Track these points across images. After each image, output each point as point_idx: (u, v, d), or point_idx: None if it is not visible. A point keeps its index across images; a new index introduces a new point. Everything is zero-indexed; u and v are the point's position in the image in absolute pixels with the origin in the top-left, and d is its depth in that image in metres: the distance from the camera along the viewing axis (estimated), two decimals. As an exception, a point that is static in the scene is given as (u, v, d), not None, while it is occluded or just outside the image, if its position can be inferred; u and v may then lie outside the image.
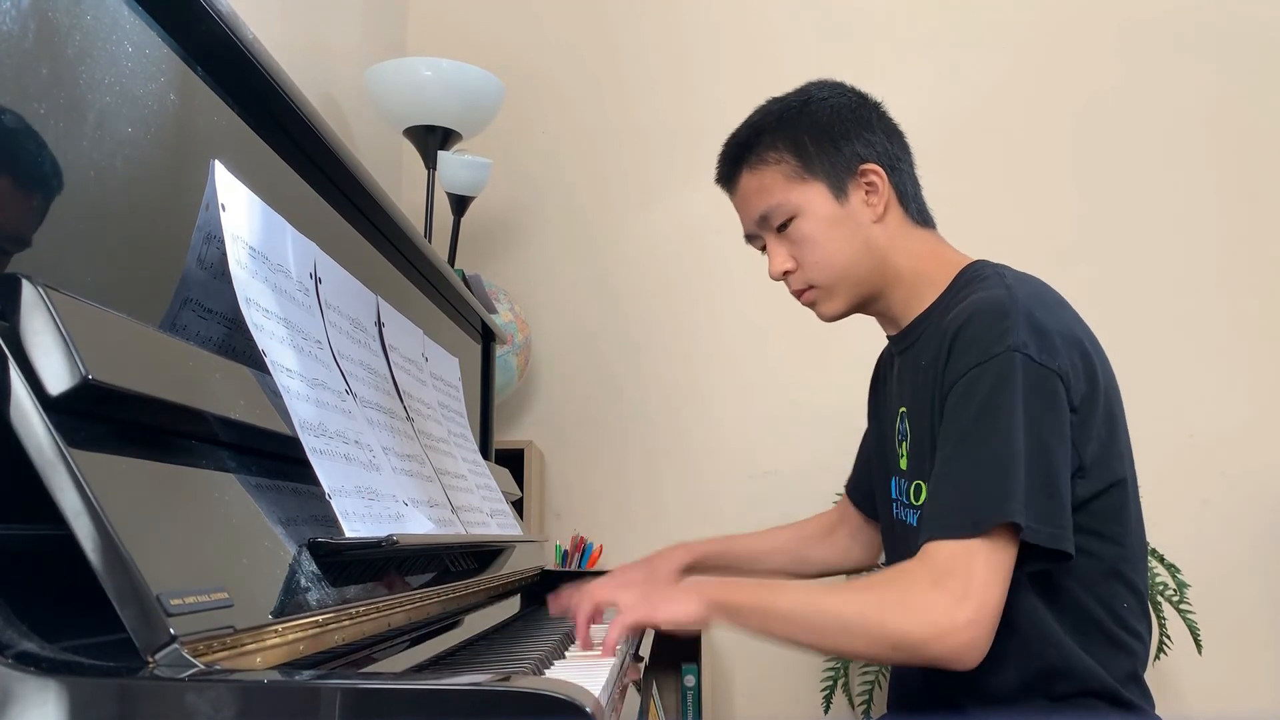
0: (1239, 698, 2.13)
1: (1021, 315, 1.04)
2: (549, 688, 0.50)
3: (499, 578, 1.26)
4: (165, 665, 0.50)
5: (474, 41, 2.40)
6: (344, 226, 1.11)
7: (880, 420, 1.33)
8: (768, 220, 1.22)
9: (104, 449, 0.56)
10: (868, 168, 1.18)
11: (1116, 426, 1.10)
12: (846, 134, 1.18)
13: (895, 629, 0.97)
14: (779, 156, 1.19)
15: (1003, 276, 1.12)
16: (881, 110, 1.24)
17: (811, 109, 1.20)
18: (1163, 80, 2.30)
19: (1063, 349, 1.04)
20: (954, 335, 1.07)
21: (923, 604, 0.97)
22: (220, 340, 0.78)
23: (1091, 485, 1.06)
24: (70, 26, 0.66)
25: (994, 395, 1.01)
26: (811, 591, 1.06)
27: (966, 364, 1.04)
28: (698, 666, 2.07)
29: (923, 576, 0.99)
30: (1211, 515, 2.17)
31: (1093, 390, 1.06)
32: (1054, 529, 0.99)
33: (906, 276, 1.20)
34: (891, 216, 1.20)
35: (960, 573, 0.97)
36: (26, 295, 0.53)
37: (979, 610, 0.96)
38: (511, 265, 2.41)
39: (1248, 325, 2.24)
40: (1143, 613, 1.12)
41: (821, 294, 1.23)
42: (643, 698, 0.99)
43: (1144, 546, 1.14)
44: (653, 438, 2.33)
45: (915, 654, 0.98)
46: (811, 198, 1.18)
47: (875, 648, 1.01)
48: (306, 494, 0.76)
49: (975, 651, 0.97)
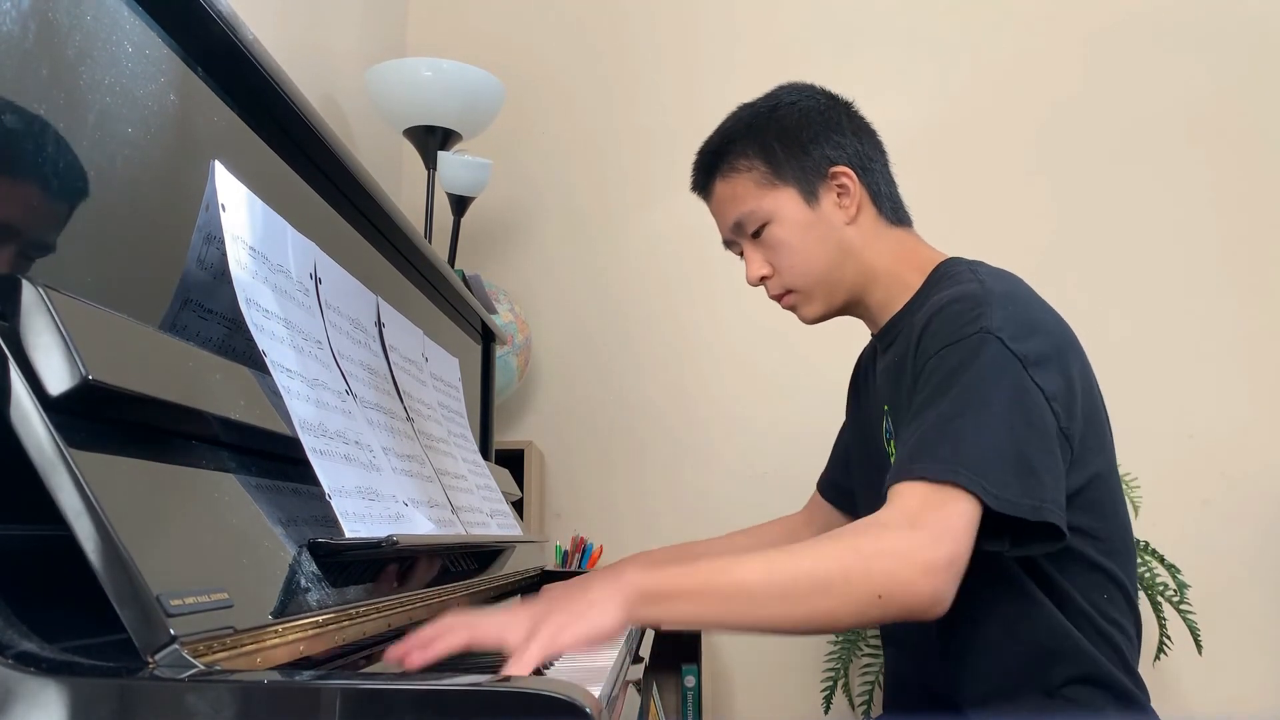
0: (1239, 698, 2.13)
1: (995, 304, 1.04)
2: (549, 688, 0.50)
3: (499, 578, 1.26)
4: (165, 666, 0.50)
5: (474, 42, 2.40)
6: (344, 227, 1.11)
7: (864, 420, 1.32)
8: (742, 227, 1.23)
9: (104, 449, 0.56)
10: (838, 170, 1.19)
11: (1093, 421, 1.09)
12: (815, 137, 1.19)
13: (882, 574, 0.90)
14: (749, 164, 1.20)
15: (975, 272, 1.12)
16: (852, 110, 1.24)
17: (780, 114, 1.21)
18: (1161, 79, 2.30)
19: (1036, 341, 1.04)
20: (924, 326, 1.08)
21: (904, 545, 0.92)
22: (220, 340, 0.78)
23: (1070, 480, 1.05)
24: (70, 27, 0.66)
25: (960, 369, 1.01)
26: (772, 557, 0.93)
27: (937, 345, 1.04)
28: (698, 667, 2.07)
29: (897, 519, 0.94)
30: (1212, 515, 2.17)
31: (1067, 384, 1.06)
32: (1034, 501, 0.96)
33: (882, 276, 1.21)
34: (865, 217, 1.20)
35: (936, 514, 0.93)
36: (27, 296, 0.53)
37: (955, 553, 0.92)
38: (511, 266, 2.41)
39: (1248, 326, 2.24)
40: (1128, 606, 1.11)
41: (800, 298, 1.24)
42: (642, 698, 0.99)
43: (1129, 540, 1.14)
44: (653, 438, 2.33)
45: (901, 599, 0.91)
46: (783, 203, 1.19)
47: (859, 601, 0.91)
48: (306, 494, 0.76)
49: (949, 594, 0.92)
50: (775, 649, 2.22)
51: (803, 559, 0.93)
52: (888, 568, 0.91)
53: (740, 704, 2.25)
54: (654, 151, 2.40)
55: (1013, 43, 2.34)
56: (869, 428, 1.28)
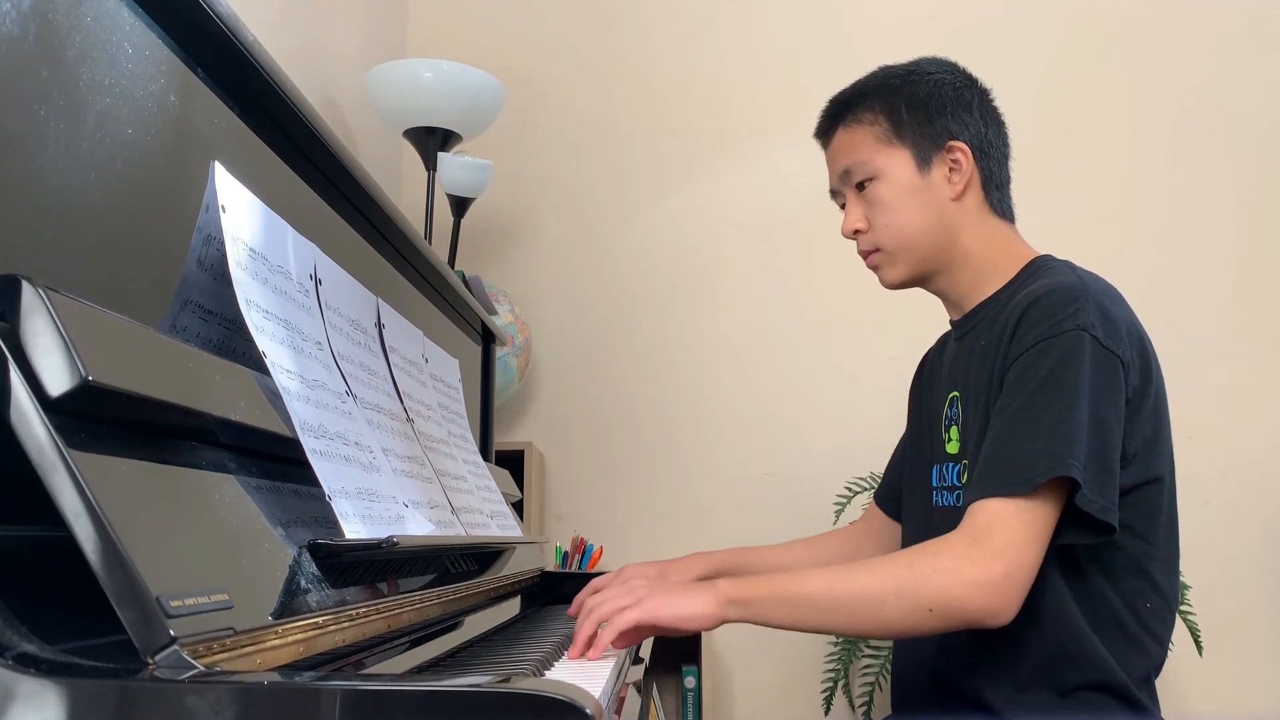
0: (1240, 699, 2.13)
1: (1091, 301, 1.07)
2: (549, 689, 0.50)
3: (499, 579, 1.26)
4: (165, 667, 0.50)
5: (474, 43, 2.40)
6: (344, 228, 1.11)
7: (923, 413, 1.33)
8: (849, 175, 1.24)
9: (104, 450, 0.56)
10: (955, 145, 1.20)
11: (1161, 426, 1.13)
12: (942, 109, 1.21)
13: (931, 590, 0.99)
14: (873, 118, 1.22)
15: (1073, 268, 1.15)
16: (987, 97, 1.26)
17: (914, 80, 1.23)
18: (1160, 77, 2.30)
19: (1125, 339, 1.07)
20: (1022, 313, 1.09)
21: (958, 564, 0.99)
22: (220, 341, 0.78)
23: (1130, 477, 1.08)
24: (70, 28, 0.66)
25: (1060, 368, 1.04)
26: (837, 572, 1.05)
27: (1034, 338, 1.07)
28: (698, 668, 2.07)
29: (960, 538, 1.01)
30: (1212, 517, 2.17)
31: (1145, 385, 1.09)
32: (1106, 502, 1.01)
33: (974, 260, 1.22)
34: (971, 198, 1.21)
35: (999, 530, 0.99)
36: (26, 296, 0.53)
37: (1014, 566, 0.99)
38: (511, 267, 2.41)
39: (1248, 327, 2.24)
40: (1168, 617, 1.12)
41: (885, 258, 1.24)
42: (643, 699, 0.99)
43: (1176, 552, 1.15)
44: (653, 439, 2.33)
45: (952, 613, 0.99)
46: (895, 163, 1.21)
47: (913, 615, 1.01)
48: (306, 495, 0.76)
49: (1009, 607, 0.99)
50: (775, 651, 2.22)
51: (863, 575, 1.03)
52: (939, 584, 0.99)
53: (740, 705, 2.25)
54: (654, 152, 2.40)
55: (1013, 43, 2.34)
56: (929, 419, 1.29)
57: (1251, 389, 2.22)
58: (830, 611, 1.03)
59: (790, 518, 2.18)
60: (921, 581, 1.00)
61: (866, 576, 1.03)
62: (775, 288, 2.34)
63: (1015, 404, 1.06)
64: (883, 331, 2.18)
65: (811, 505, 2.17)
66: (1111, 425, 1.04)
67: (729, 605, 1.02)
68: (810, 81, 1.32)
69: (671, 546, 2.20)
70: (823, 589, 1.03)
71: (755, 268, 2.35)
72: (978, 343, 1.18)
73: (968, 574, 0.98)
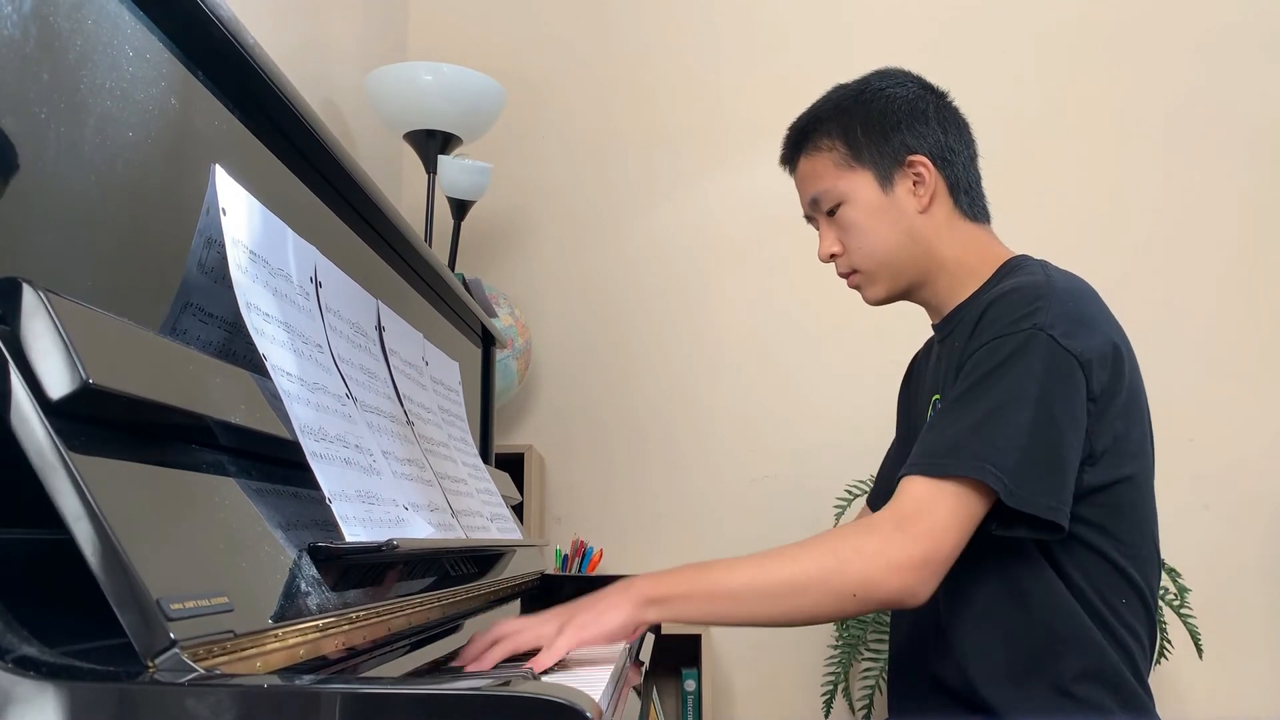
0: (1239, 702, 2.13)
1: (1055, 300, 1.07)
2: (549, 692, 0.50)
3: (499, 582, 1.26)
4: (165, 670, 0.50)
5: (474, 46, 2.40)
6: (344, 231, 1.11)
7: (910, 415, 1.35)
8: (818, 204, 1.25)
9: (104, 453, 0.56)
10: (915, 159, 1.21)
11: (1134, 425, 1.12)
12: (897, 125, 1.21)
13: (856, 575, 1.01)
14: (831, 144, 1.23)
15: (1045, 267, 1.16)
16: (944, 102, 1.26)
17: (866, 99, 1.23)
18: (1152, 77, 2.31)
19: (1090, 338, 1.07)
20: (982, 312, 1.11)
21: (883, 547, 1.01)
22: (221, 344, 0.78)
23: (1098, 476, 1.08)
24: (71, 31, 0.66)
25: (1004, 366, 1.05)
26: (758, 561, 1.04)
27: (989, 336, 1.08)
28: (698, 671, 2.07)
29: (886, 523, 1.03)
30: (1212, 520, 2.17)
31: (1115, 384, 1.09)
32: (1051, 500, 1.02)
33: (950, 266, 1.23)
34: (939, 208, 1.22)
35: (925, 514, 1.01)
36: (27, 299, 0.53)
37: (933, 550, 1.01)
38: (512, 269, 2.41)
39: (1248, 329, 2.24)
40: (1145, 615, 1.12)
41: (864, 279, 1.26)
42: (643, 702, 0.99)
43: (1153, 549, 1.15)
44: (653, 442, 2.33)
45: (872, 595, 1.01)
46: (858, 185, 1.22)
47: (837, 600, 1.02)
48: (306, 498, 0.76)
49: (925, 590, 1.01)
50: (775, 653, 2.22)
51: (785, 563, 1.03)
52: (860, 568, 1.01)
53: (740, 708, 2.25)
54: (654, 155, 2.40)
55: (1011, 42, 2.34)
56: (914, 421, 1.30)
57: (1251, 393, 2.22)
58: (751, 602, 1.03)
59: (791, 520, 2.18)
60: (846, 567, 1.01)
61: (790, 565, 1.03)
62: (776, 289, 2.34)
63: (955, 394, 1.08)
64: (883, 333, 2.18)
65: (812, 507, 2.17)
66: (1063, 424, 1.04)
67: (647, 606, 1.01)
68: (807, 87, 1.33)
69: (671, 548, 2.21)
70: (743, 580, 1.03)
71: (756, 269, 2.35)
72: (954, 344, 1.19)
73: (890, 556, 1.00)
